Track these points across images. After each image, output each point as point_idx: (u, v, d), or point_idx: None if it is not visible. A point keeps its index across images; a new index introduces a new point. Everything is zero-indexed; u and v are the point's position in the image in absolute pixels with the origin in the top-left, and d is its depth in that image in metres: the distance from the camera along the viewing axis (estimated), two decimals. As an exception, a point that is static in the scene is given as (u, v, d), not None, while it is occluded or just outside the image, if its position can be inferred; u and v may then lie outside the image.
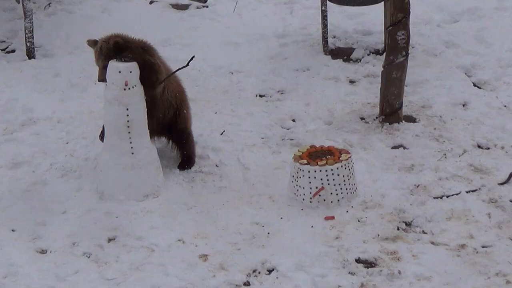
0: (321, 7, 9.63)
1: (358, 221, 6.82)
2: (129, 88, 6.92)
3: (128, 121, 6.96)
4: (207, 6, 10.88)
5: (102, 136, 7.30)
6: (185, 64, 7.20)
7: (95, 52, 7.07)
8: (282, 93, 8.89)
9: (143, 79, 7.00)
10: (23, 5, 9.57)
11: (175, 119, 7.42)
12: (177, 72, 7.34)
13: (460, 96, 8.64)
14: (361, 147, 7.82)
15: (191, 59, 7.19)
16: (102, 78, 7.02)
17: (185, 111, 7.50)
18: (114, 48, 6.97)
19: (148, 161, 7.10)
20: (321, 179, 6.91)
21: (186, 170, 7.47)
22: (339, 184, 6.94)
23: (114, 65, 6.93)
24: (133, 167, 7.03)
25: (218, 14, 10.76)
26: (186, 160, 7.52)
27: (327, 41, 9.67)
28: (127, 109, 6.94)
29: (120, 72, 6.90)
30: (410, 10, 7.97)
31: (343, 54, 9.68)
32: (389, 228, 6.72)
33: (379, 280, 6.22)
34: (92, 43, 7.13)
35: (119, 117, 6.95)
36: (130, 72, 6.92)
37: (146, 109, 7.07)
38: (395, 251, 6.47)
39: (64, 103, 8.65)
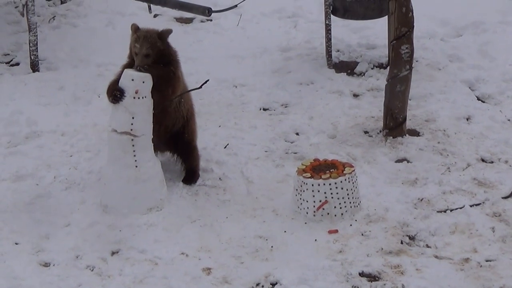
0: (325, 21, 9.66)
1: (362, 234, 6.84)
2: (138, 98, 6.97)
3: (131, 130, 7.00)
4: (211, 20, 10.86)
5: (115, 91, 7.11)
6: (199, 86, 7.30)
7: (138, 39, 7.10)
8: (286, 107, 8.92)
9: (160, 87, 7.06)
10: (27, 18, 9.58)
11: (182, 131, 7.45)
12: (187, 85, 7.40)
13: (464, 110, 8.66)
14: (364, 160, 7.84)
15: (205, 82, 7.29)
16: (143, 63, 7.03)
17: (192, 124, 7.55)
18: (159, 38, 7.11)
19: (152, 175, 7.11)
20: (325, 193, 6.93)
21: (190, 184, 7.50)
22: (343, 198, 6.96)
23: (128, 73, 7.00)
24: (137, 180, 7.05)
25: (222, 28, 10.76)
26: (190, 175, 7.55)
27: (331, 54, 9.70)
28: (133, 118, 6.98)
29: (133, 80, 6.96)
30: (414, 24, 8.00)
31: (347, 67, 9.70)
32: (392, 242, 6.74)
33: (382, 294, 6.26)
34: (134, 27, 7.21)
35: (123, 125, 6.98)
36: (143, 82, 6.97)
37: (152, 123, 7.08)
38: (399, 265, 6.48)
39: (68, 116, 8.67)
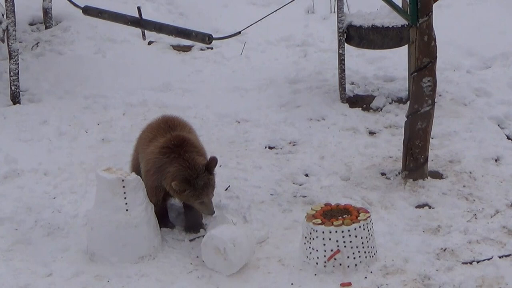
0: (338, 50, 9.68)
1: (378, 288, 6.84)
2: None
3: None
4: (211, 48, 10.89)
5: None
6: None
7: (199, 189, 7.13)
8: (294, 145, 8.93)
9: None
10: (8, 44, 9.59)
11: None
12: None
13: (492, 150, 8.67)
14: (381, 205, 7.84)
15: (227, 188, 7.73)
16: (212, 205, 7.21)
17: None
18: (209, 172, 7.17)
19: (144, 219, 7.09)
20: (337, 241, 6.90)
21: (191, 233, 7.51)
22: (357, 247, 6.93)
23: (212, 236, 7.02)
24: (128, 225, 7.03)
25: (223, 57, 10.80)
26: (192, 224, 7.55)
27: (345, 87, 9.72)
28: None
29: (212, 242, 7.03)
30: (437, 54, 8.02)
31: (362, 102, 9.74)
32: (412, 297, 6.73)
33: None
34: (184, 182, 7.11)
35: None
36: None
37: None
38: (419, 322, 6.47)
39: (51, 154, 8.68)
